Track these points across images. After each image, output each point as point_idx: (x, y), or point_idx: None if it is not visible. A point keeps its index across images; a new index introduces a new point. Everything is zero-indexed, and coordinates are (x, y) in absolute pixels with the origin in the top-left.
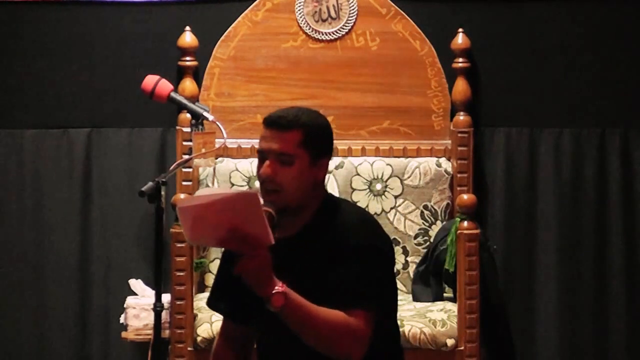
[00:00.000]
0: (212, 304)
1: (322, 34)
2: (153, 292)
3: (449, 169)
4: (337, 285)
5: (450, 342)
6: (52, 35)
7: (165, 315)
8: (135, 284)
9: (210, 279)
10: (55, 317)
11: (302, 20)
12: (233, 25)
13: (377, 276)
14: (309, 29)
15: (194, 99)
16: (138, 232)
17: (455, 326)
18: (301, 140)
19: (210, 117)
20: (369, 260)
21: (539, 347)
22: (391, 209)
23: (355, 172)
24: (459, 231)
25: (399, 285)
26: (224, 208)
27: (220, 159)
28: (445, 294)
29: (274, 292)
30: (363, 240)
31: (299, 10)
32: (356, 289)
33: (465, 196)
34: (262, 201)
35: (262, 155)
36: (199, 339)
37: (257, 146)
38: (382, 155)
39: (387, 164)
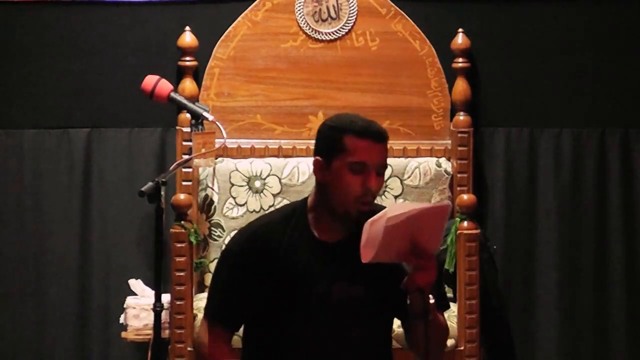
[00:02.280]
0: (220, 319)
1: (322, 34)
2: (153, 292)
3: (449, 169)
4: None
5: (450, 342)
6: (52, 35)
7: (165, 315)
8: (135, 284)
9: (210, 279)
10: (55, 317)
11: (302, 20)
12: (233, 25)
13: (439, 280)
14: (309, 29)
15: (194, 99)
16: (138, 232)
17: (455, 326)
18: (387, 150)
19: (210, 117)
20: (439, 262)
21: (539, 347)
22: None
23: None
24: (459, 231)
25: None
26: (418, 221)
27: (220, 159)
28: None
29: (432, 300)
30: None
31: (299, 10)
32: (439, 291)
33: (465, 196)
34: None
35: (363, 167)
36: None
37: (257, 146)
38: None
39: (387, 164)
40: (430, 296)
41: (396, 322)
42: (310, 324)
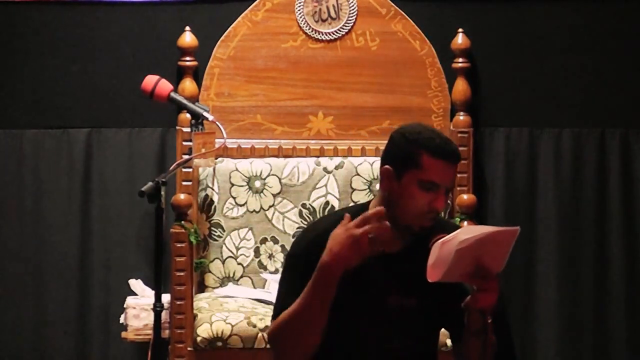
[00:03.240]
0: None
1: (322, 34)
2: (153, 292)
3: None
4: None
5: (449, 342)
6: (52, 35)
7: (165, 315)
8: (135, 284)
9: (210, 279)
10: (55, 317)
11: (302, 21)
12: (233, 25)
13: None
14: (309, 29)
15: (194, 99)
16: (138, 232)
17: None
18: (456, 172)
19: (210, 117)
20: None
21: (539, 348)
22: None
23: (355, 172)
24: None
25: None
26: (485, 244)
27: (220, 159)
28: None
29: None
30: None
31: (299, 10)
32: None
33: (465, 196)
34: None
35: (433, 186)
36: (199, 339)
37: (257, 146)
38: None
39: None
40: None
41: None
42: (363, 332)
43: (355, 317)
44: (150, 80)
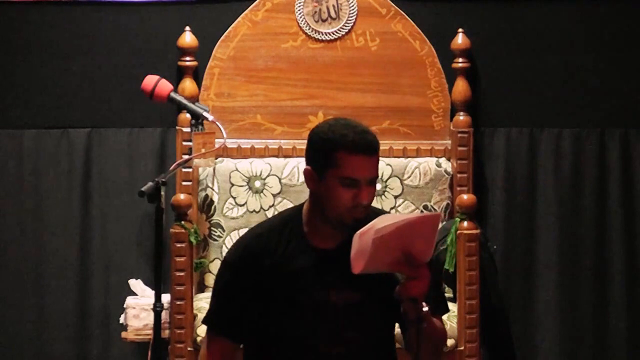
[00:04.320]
0: (221, 329)
1: (322, 34)
2: (153, 292)
3: (449, 169)
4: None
5: (450, 342)
6: (52, 35)
7: (165, 315)
8: (135, 284)
9: (210, 279)
10: (55, 317)
11: (302, 21)
12: (233, 25)
13: (440, 278)
14: (309, 29)
15: (194, 99)
16: (138, 232)
17: (455, 326)
18: (378, 160)
19: (210, 117)
20: (433, 266)
21: (539, 347)
22: (391, 209)
23: None
24: (458, 231)
25: None
26: (408, 232)
27: (220, 159)
28: (445, 294)
29: (425, 308)
30: None
31: (299, 10)
32: (436, 296)
33: (465, 196)
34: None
35: (353, 181)
36: (198, 339)
37: (257, 146)
38: (382, 155)
39: (387, 164)
40: (425, 304)
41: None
42: (308, 331)
43: (301, 318)
44: (150, 80)
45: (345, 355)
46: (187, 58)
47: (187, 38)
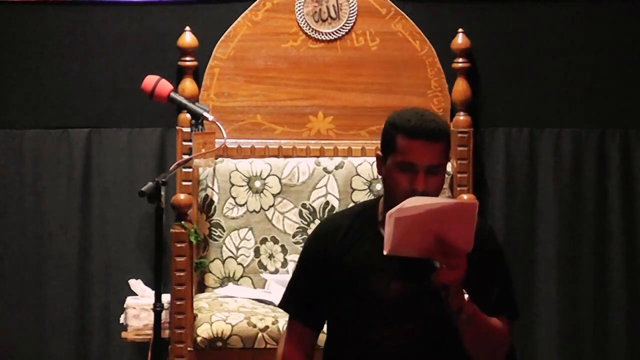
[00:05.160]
0: (292, 306)
1: (322, 34)
2: (153, 292)
3: (449, 169)
4: (486, 291)
5: None
6: (52, 35)
7: (165, 315)
8: (135, 284)
9: (210, 279)
10: (55, 317)
11: (302, 21)
12: (233, 25)
13: (512, 284)
14: (309, 29)
15: (194, 99)
16: (138, 232)
17: None
18: (445, 149)
19: (210, 117)
20: (506, 267)
21: (539, 347)
22: None
23: (355, 172)
24: None
25: None
26: (440, 217)
27: (220, 159)
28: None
29: (466, 299)
30: (497, 246)
31: (299, 10)
32: (503, 296)
33: (465, 196)
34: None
35: (410, 167)
36: (199, 339)
37: (256, 146)
38: None
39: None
40: (465, 292)
41: None
42: (366, 319)
43: (362, 306)
44: (150, 80)
45: (405, 347)
46: (187, 58)
47: (187, 38)
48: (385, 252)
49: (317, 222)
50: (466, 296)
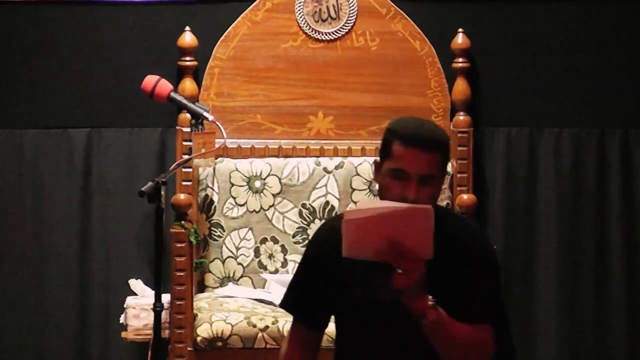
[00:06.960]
0: (292, 308)
1: (322, 34)
2: (153, 292)
3: (449, 169)
4: (468, 299)
5: None
6: (52, 35)
7: (165, 315)
8: (135, 284)
9: (210, 279)
10: (55, 317)
11: (302, 20)
12: (233, 25)
13: (499, 292)
14: (309, 29)
15: (194, 99)
16: (138, 232)
17: None
18: (440, 161)
19: (210, 117)
20: (494, 276)
21: (539, 347)
22: None
23: (355, 172)
24: None
25: None
26: (394, 221)
27: (220, 159)
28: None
29: (429, 305)
30: (486, 255)
31: (299, 10)
32: (486, 304)
33: (465, 196)
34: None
35: (402, 174)
36: (198, 339)
37: (256, 146)
38: None
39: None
40: (431, 298)
41: None
42: (369, 320)
43: (357, 310)
44: (150, 80)
45: (405, 347)
46: (187, 58)
47: (187, 38)
48: (342, 255)
49: (317, 222)
50: (431, 302)
